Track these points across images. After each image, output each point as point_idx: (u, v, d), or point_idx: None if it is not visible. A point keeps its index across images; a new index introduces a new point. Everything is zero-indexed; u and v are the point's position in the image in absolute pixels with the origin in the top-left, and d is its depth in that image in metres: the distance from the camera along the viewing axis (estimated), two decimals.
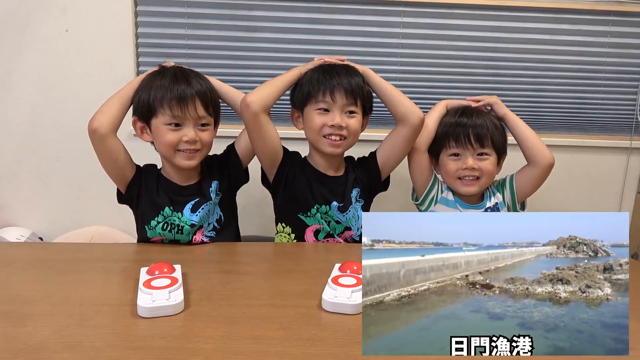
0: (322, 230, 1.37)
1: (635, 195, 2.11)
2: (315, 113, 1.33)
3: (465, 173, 1.37)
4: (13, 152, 1.94)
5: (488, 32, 1.92)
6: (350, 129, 1.33)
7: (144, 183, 1.31)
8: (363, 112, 1.36)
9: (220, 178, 1.36)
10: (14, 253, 1.27)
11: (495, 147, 1.37)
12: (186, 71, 1.29)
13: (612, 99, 2.03)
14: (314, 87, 1.32)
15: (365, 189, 1.41)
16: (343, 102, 1.31)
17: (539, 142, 1.40)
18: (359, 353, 0.78)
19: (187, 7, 1.84)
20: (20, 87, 1.88)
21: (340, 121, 1.31)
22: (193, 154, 1.26)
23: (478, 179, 1.37)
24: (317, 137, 1.34)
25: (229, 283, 1.05)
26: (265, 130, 1.30)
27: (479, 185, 1.38)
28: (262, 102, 1.27)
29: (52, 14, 1.82)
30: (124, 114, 1.27)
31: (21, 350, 0.77)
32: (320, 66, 1.36)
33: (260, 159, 1.37)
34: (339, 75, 1.32)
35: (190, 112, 1.23)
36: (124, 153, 1.27)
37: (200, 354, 0.78)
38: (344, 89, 1.30)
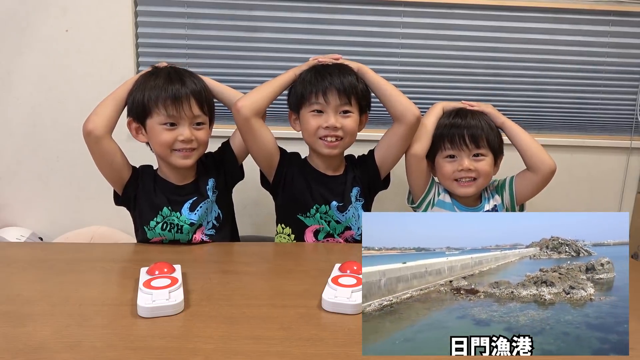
0: (322, 230, 1.37)
1: (635, 195, 2.11)
2: (309, 115, 1.33)
3: (461, 175, 1.36)
4: (13, 152, 1.94)
5: (488, 32, 1.92)
6: (345, 129, 1.32)
7: (141, 184, 1.31)
8: (360, 110, 1.35)
9: (216, 175, 1.36)
10: (14, 253, 1.27)
11: (491, 147, 1.37)
12: (180, 71, 1.29)
13: (612, 99, 2.03)
14: (307, 89, 1.32)
15: (365, 188, 1.41)
16: (336, 102, 1.30)
17: (539, 149, 1.39)
18: (359, 353, 0.78)
19: (187, 7, 1.84)
20: (20, 87, 1.88)
21: (334, 122, 1.30)
22: (189, 153, 1.26)
23: (475, 180, 1.36)
24: (313, 139, 1.34)
25: (228, 283, 1.05)
26: (258, 134, 1.30)
27: (476, 186, 1.37)
28: (253, 106, 1.27)
29: (52, 14, 1.82)
30: (118, 115, 1.27)
31: (21, 350, 0.77)
32: (313, 67, 1.36)
33: (256, 161, 1.37)
34: (331, 75, 1.31)
35: (185, 111, 1.23)
36: (119, 155, 1.27)
37: (200, 354, 0.78)
38: (337, 89, 1.30)
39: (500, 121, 1.42)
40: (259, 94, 1.30)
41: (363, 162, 1.43)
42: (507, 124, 1.42)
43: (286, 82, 1.35)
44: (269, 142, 1.34)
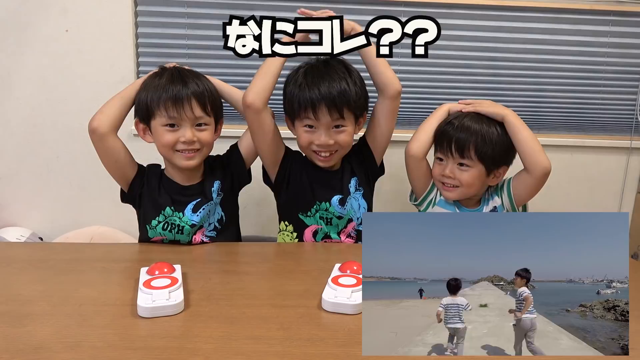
0: (320, 231, 1.37)
1: (635, 195, 2.11)
2: (302, 130, 1.31)
3: (444, 179, 1.35)
4: (13, 152, 1.94)
5: (488, 32, 1.92)
6: (339, 144, 1.31)
7: (146, 183, 1.31)
8: (355, 118, 1.33)
9: (222, 178, 1.36)
10: (14, 253, 1.27)
11: (481, 158, 1.31)
12: (184, 71, 1.28)
13: (612, 99, 2.03)
14: (296, 100, 1.28)
15: (363, 176, 1.41)
16: (327, 119, 1.27)
17: (535, 148, 1.31)
18: (359, 353, 0.78)
19: (187, 7, 1.84)
20: (20, 87, 1.88)
21: (326, 140, 1.28)
22: (192, 154, 1.26)
23: (456, 187, 1.34)
24: (307, 151, 1.34)
25: (229, 283, 1.05)
26: (267, 128, 1.30)
27: (457, 193, 1.35)
28: (260, 97, 1.25)
29: (52, 14, 1.82)
30: (124, 114, 1.28)
31: (21, 350, 0.77)
32: (303, 69, 1.31)
33: (263, 156, 1.37)
34: (321, 81, 1.25)
35: (187, 112, 1.22)
36: (124, 153, 1.27)
37: (200, 354, 0.78)
38: (326, 105, 1.25)
39: (500, 116, 1.33)
40: (261, 82, 1.26)
41: (357, 150, 1.42)
42: (507, 119, 1.32)
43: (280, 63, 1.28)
44: (277, 135, 1.34)
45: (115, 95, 1.28)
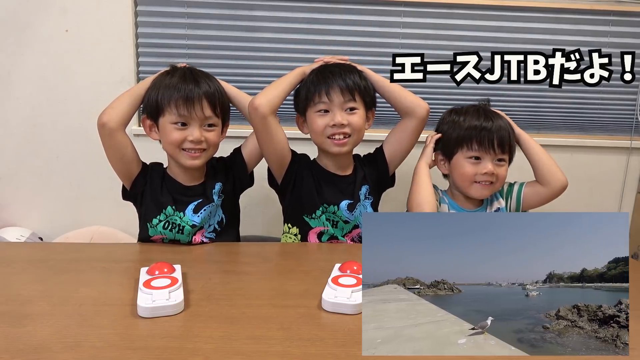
0: (326, 233, 1.37)
1: (635, 195, 2.11)
2: (316, 115, 1.33)
3: (484, 178, 1.34)
4: (13, 152, 1.94)
5: (488, 32, 1.92)
6: (353, 126, 1.33)
7: (149, 181, 1.32)
8: (365, 106, 1.36)
9: (224, 180, 1.36)
10: (14, 253, 1.27)
11: (509, 153, 1.36)
12: (196, 71, 1.30)
13: (612, 99, 2.03)
14: (310, 90, 1.33)
15: (374, 186, 1.42)
16: (340, 100, 1.31)
17: (552, 164, 1.38)
18: (359, 353, 0.78)
19: (187, 7, 1.84)
20: (20, 87, 1.88)
21: (341, 119, 1.31)
22: (198, 154, 1.27)
23: (492, 184, 1.35)
24: (321, 138, 1.35)
25: (229, 283, 1.05)
26: (274, 133, 1.31)
27: (491, 189, 1.37)
28: (269, 104, 1.27)
29: (52, 14, 1.82)
30: (133, 110, 1.29)
31: (21, 350, 0.77)
32: (316, 69, 1.36)
33: (269, 161, 1.38)
34: (334, 74, 1.32)
35: (197, 112, 1.23)
36: (131, 149, 1.28)
37: (200, 354, 0.78)
38: (339, 87, 1.30)
39: (517, 132, 1.40)
40: (274, 92, 1.30)
41: (372, 159, 1.44)
42: (523, 136, 1.40)
43: (295, 80, 1.35)
44: (283, 141, 1.34)
45: (125, 92, 1.30)
